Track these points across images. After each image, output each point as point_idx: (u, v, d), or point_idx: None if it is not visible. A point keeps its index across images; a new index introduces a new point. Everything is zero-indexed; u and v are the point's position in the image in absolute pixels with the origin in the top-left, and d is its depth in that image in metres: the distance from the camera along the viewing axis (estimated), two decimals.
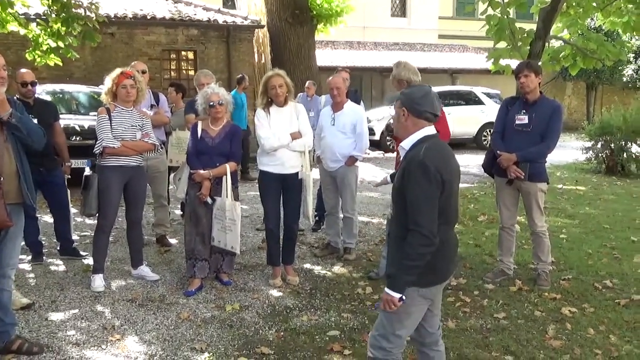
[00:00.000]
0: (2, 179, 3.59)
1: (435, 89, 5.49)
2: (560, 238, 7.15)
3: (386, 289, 2.74)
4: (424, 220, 2.69)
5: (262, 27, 16.06)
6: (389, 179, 3.94)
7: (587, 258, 6.40)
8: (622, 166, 13.05)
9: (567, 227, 7.86)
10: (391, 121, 3.07)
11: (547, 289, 5.34)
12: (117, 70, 5.14)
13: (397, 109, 2.93)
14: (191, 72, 15.56)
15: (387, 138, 15.46)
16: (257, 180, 5.63)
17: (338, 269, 5.96)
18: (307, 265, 6.06)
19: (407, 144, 2.89)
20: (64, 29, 9.21)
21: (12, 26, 9.49)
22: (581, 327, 4.56)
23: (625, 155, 12.96)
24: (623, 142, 12.84)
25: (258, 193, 5.54)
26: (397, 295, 2.71)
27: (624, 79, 26.45)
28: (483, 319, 4.69)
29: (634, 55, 25.64)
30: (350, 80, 7.13)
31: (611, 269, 6.00)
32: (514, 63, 10.19)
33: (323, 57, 19.07)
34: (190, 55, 16.03)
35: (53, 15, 9.30)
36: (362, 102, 7.47)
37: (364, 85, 22.12)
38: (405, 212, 2.78)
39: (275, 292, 5.26)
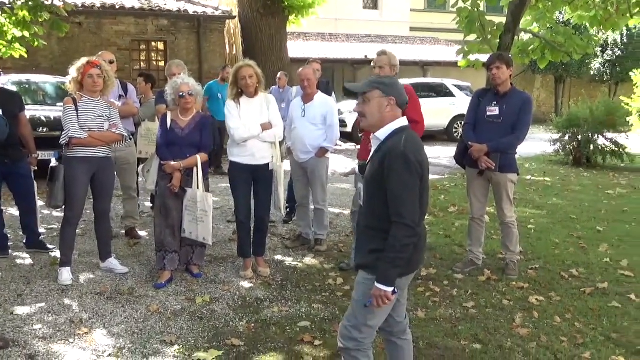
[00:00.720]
0: None
1: (407, 81, 5.53)
2: (528, 228, 7.25)
3: (377, 284, 2.72)
4: (407, 212, 2.70)
5: (234, 17, 15.92)
6: (357, 169, 3.93)
7: (554, 248, 6.50)
8: (588, 158, 13.28)
9: (535, 217, 7.97)
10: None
11: (515, 279, 5.41)
12: (83, 60, 5.03)
13: (380, 98, 2.86)
14: (161, 63, 15.37)
15: (359, 130, 15.48)
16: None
17: (309, 260, 5.96)
18: (278, 257, 6.04)
19: (382, 134, 2.87)
20: (30, 17, 8.99)
21: None
22: (548, 315, 4.64)
23: (591, 147, 13.18)
24: (590, 135, 13.06)
25: (229, 185, 5.50)
26: (389, 289, 2.71)
27: (591, 73, 26.93)
28: (452, 309, 4.74)
29: (600, 49, 26.08)
30: (322, 72, 7.11)
31: (577, 259, 6.11)
32: (483, 58, 10.27)
33: (295, 49, 18.99)
34: (160, 45, 15.83)
35: (19, 3, 9.07)
36: (333, 93, 7.46)
37: (336, 77, 22.09)
38: (380, 204, 2.79)
39: (246, 284, 5.24)
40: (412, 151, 2.75)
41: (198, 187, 5.05)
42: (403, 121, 2.88)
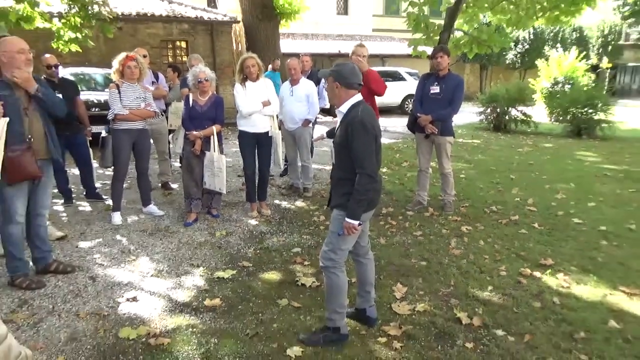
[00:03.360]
0: (32, 139, 3.40)
1: (374, 69, 5.37)
2: (460, 177, 7.26)
3: (347, 219, 2.70)
4: (367, 164, 2.66)
5: (238, 22, 15.39)
6: (325, 134, 3.85)
7: (479, 191, 6.53)
8: (504, 125, 13.30)
9: (465, 169, 7.99)
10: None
11: (451, 214, 5.44)
12: (123, 54, 4.86)
13: (331, 83, 2.81)
14: (184, 58, 14.94)
15: (335, 107, 15.27)
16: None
17: (299, 203, 5.93)
18: (276, 201, 6.00)
19: (344, 108, 2.81)
20: (81, 22, 8.68)
21: (39, 22, 8.84)
22: (475, 240, 4.68)
23: (507, 117, 13.20)
24: (506, 108, 13.06)
25: (239, 148, 5.40)
26: (356, 222, 2.70)
27: (507, 62, 26.77)
28: (405, 236, 4.76)
29: (514, 43, 25.88)
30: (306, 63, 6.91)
31: (496, 199, 6.15)
32: (427, 50, 10.12)
33: (285, 46, 18.49)
34: (183, 44, 15.35)
35: (72, 11, 8.72)
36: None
37: (317, 67, 21.70)
38: (347, 160, 2.74)
39: (252, 222, 5.21)
40: (368, 119, 2.70)
41: (215, 150, 4.96)
42: (358, 97, 2.82)
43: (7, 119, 3.21)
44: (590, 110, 12.15)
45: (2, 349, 0.92)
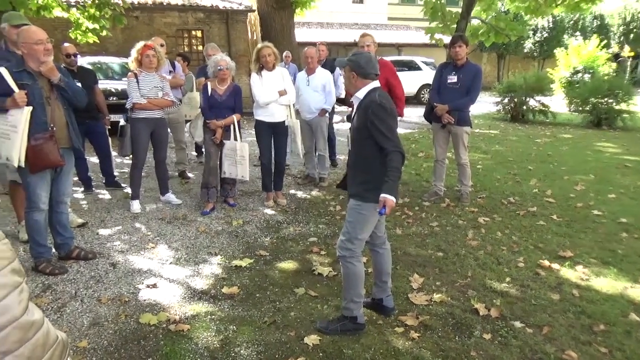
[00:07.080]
0: (54, 128, 3.45)
1: (386, 58, 5.34)
2: (477, 168, 7.20)
3: (386, 196, 2.59)
4: (396, 142, 2.65)
5: (253, 11, 15.37)
6: (345, 118, 3.86)
7: (497, 182, 6.47)
8: (522, 115, 13.12)
9: (482, 160, 7.91)
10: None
11: (468, 205, 5.41)
12: (141, 43, 4.89)
13: (348, 72, 2.81)
14: (200, 47, 14.98)
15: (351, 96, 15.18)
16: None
17: (315, 193, 5.94)
18: (292, 191, 6.02)
19: (360, 94, 2.81)
20: (97, 12, 8.74)
21: (57, 11, 8.93)
22: (492, 231, 4.65)
23: (525, 107, 13.02)
24: (523, 98, 12.88)
25: (255, 137, 5.42)
26: (393, 198, 2.63)
27: (525, 50, 26.34)
28: (422, 227, 4.75)
29: (532, 32, 25.44)
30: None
31: (514, 190, 6.09)
32: (445, 38, 10.00)
33: (300, 35, 18.45)
34: (199, 33, 15.38)
35: (89, 1, 8.79)
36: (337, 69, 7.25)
37: (332, 56, 21.61)
38: (364, 146, 2.73)
39: (269, 211, 5.23)
40: (386, 102, 2.72)
41: (236, 139, 5.00)
42: (375, 84, 2.82)
43: (31, 108, 3.26)
44: (611, 101, 11.92)
45: (41, 335, 0.94)
